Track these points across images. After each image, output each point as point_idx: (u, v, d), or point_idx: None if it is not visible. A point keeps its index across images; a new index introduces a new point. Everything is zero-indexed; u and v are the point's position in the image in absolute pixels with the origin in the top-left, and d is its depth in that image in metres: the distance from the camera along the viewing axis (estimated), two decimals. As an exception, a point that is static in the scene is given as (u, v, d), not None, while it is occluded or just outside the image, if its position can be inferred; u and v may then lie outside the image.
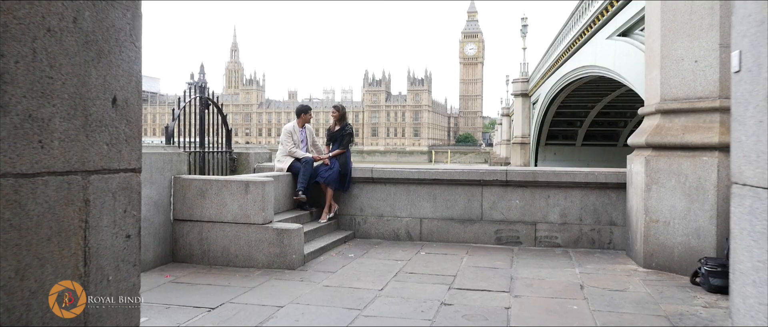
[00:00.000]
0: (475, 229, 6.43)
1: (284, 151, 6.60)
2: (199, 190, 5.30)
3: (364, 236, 6.73)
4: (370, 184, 6.75)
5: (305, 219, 6.41)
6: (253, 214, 5.16)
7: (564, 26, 18.45)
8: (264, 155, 7.27)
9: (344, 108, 6.83)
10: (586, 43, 14.32)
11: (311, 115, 6.84)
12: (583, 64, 14.92)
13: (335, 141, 6.74)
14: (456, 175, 6.45)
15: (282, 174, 6.45)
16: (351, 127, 6.76)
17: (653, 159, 5.12)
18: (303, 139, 6.73)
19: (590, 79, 18.05)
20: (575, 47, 16.42)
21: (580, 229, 6.17)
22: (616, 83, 18.86)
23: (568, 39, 17.32)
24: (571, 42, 16.66)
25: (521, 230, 6.31)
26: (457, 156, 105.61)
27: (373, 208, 6.72)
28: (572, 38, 16.40)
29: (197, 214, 5.31)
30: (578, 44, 15.74)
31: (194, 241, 5.31)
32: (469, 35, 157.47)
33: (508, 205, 6.35)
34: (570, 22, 17.28)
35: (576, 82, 18.93)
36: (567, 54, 17.92)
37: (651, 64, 5.48)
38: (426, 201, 6.58)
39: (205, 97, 6.51)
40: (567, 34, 18.05)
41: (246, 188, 5.17)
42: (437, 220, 6.54)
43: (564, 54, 18.35)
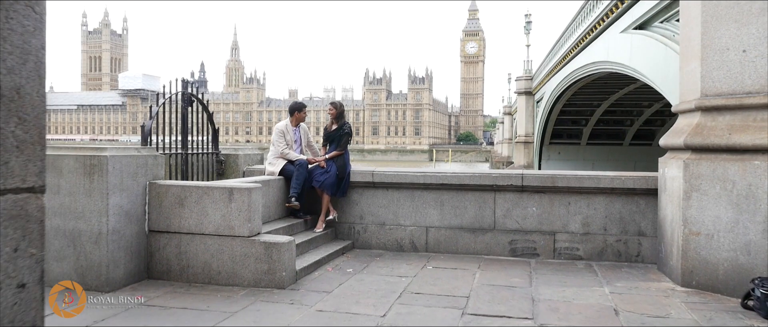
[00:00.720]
0: (487, 239, 5.81)
1: (276, 152, 5.98)
2: (177, 198, 4.68)
3: (365, 247, 6.11)
4: (370, 189, 6.12)
5: (299, 228, 5.79)
6: (238, 225, 4.53)
7: (572, 22, 17.80)
8: (254, 157, 6.65)
9: (342, 105, 6.21)
10: (597, 39, 13.67)
11: (306, 113, 6.22)
12: (594, 60, 14.27)
13: (332, 141, 6.11)
14: (466, 180, 5.82)
15: (273, 178, 5.83)
16: (349, 126, 6.14)
17: (693, 163, 4.49)
18: (297, 139, 6.11)
19: (599, 76, 17.42)
20: (584, 43, 15.77)
21: (605, 240, 5.54)
22: (626, 80, 18.24)
23: (576, 35, 16.66)
24: (579, 38, 16.00)
25: (538, 241, 5.69)
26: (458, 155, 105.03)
27: (374, 215, 6.10)
28: (581, 34, 15.74)
29: (175, 224, 4.69)
30: (588, 40, 15.09)
31: (172, 255, 4.70)
32: (470, 33, 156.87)
33: (524, 213, 5.73)
34: (578, 17, 16.64)
35: (584, 79, 18.29)
36: (575, 50, 17.26)
37: (688, 56, 4.85)
38: (432, 208, 5.95)
39: (188, 92, 5.89)
40: (575, 30, 17.40)
41: (230, 196, 4.55)
42: (445, 229, 5.92)
43: (572, 50, 17.70)
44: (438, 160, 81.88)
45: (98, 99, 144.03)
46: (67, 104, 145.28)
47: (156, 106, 5.35)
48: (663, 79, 8.44)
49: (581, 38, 15.91)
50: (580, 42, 16.22)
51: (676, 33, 8.08)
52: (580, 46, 16.48)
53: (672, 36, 8.23)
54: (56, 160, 4.44)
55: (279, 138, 5.95)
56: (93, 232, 4.37)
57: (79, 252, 4.41)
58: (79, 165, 4.39)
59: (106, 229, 4.35)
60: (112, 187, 4.37)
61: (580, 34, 15.93)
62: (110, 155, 4.37)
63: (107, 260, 4.36)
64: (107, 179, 4.33)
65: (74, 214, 4.40)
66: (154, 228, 4.74)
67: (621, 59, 10.89)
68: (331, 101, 6.19)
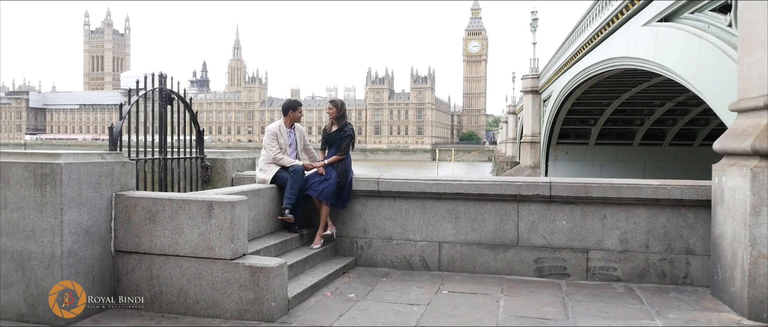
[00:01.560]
0: (510, 256, 5.07)
1: (267, 157, 5.25)
2: (148, 213, 3.95)
3: (369, 264, 5.38)
4: (375, 199, 5.39)
5: (293, 244, 5.05)
6: (219, 245, 3.81)
7: (584, 17, 16.99)
8: (245, 162, 5.92)
9: (343, 104, 5.47)
10: (614, 33, 12.87)
11: (301, 112, 5.48)
12: (610, 56, 13.47)
13: (332, 144, 5.38)
14: (485, 189, 5.08)
15: (264, 187, 5.10)
16: (352, 128, 5.40)
17: (764, 172, 3.75)
18: (291, 142, 5.37)
19: (613, 74, 16.63)
20: (599, 39, 14.94)
21: (647, 259, 4.79)
22: (641, 77, 17.43)
23: (589, 30, 15.84)
24: (593, 33, 15.18)
25: (569, 259, 4.94)
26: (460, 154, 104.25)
27: (380, 228, 5.37)
28: (596, 29, 14.92)
29: (146, 244, 3.96)
30: (603, 35, 14.27)
31: (142, 280, 3.97)
32: (473, 32, 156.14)
33: (552, 227, 4.98)
34: (591, 12, 15.84)
35: (597, 76, 17.49)
36: (588, 47, 16.43)
37: (750, 45, 4.10)
38: (446, 221, 5.22)
39: (168, 89, 5.16)
40: (588, 26, 16.57)
41: (209, 211, 3.82)
42: (461, 244, 5.18)
43: (584, 47, 16.87)
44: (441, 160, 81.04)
45: (100, 98, 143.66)
46: (69, 104, 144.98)
47: (128, 104, 4.62)
48: (696, 75, 7.69)
49: (595, 34, 15.10)
50: (593, 38, 15.43)
51: (712, 24, 7.33)
52: (594, 42, 15.68)
53: (707, 27, 7.47)
54: (2, 169, 3.73)
55: (271, 141, 5.22)
56: (45, 255, 3.65)
57: (28, 278, 3.69)
58: (29, 174, 3.67)
59: (60, 251, 3.63)
60: (68, 201, 3.65)
61: (594, 29, 15.13)
62: (65, 163, 3.65)
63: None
64: (61, 191, 3.62)
65: (23, 233, 3.69)
66: (122, 248, 4.02)
67: (643, 54, 10.12)
68: (331, 100, 5.45)
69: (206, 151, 5.70)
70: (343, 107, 5.42)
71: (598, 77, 17.96)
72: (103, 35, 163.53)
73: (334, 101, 5.41)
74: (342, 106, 5.42)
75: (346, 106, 5.53)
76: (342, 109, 5.40)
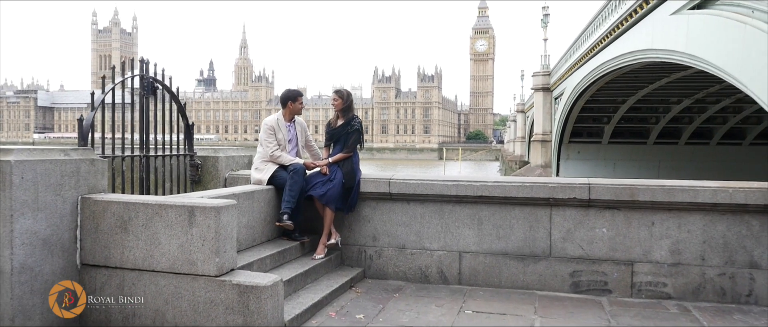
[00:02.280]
0: (541, 269, 4.41)
1: (264, 154, 4.61)
2: (119, 220, 3.33)
3: (379, 276, 4.74)
4: (386, 202, 4.74)
5: (292, 254, 4.42)
6: (202, 259, 3.18)
7: (601, 10, 16.22)
8: (240, 160, 5.29)
9: (350, 95, 4.82)
10: (637, 25, 12.14)
11: (302, 104, 4.84)
12: (632, 50, 12.74)
13: (337, 140, 4.74)
14: (513, 191, 4.42)
15: (260, 188, 4.46)
16: (360, 122, 4.76)
17: None
18: (291, 137, 4.74)
19: (632, 69, 15.89)
20: (618, 32, 14.19)
21: (703, 273, 4.12)
22: (661, 72, 16.69)
23: (608, 23, 15.06)
24: (613, 25, 14.42)
25: (611, 272, 4.28)
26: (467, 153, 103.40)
27: (392, 235, 4.73)
28: (615, 21, 14.16)
29: (116, 257, 3.35)
30: (623, 28, 13.52)
31: (112, 300, 3.35)
32: (480, 31, 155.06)
33: (591, 236, 4.32)
34: (610, 4, 15.09)
35: (614, 72, 16.74)
36: (606, 41, 15.67)
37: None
38: (468, 227, 4.56)
39: (151, 76, 4.54)
40: (606, 19, 15.79)
41: (190, 217, 3.19)
42: (484, 254, 4.53)
43: (601, 41, 16.11)
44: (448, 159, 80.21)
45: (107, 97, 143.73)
46: (77, 102, 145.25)
47: (101, 93, 3.99)
48: (739, 65, 6.98)
49: (615, 26, 14.36)
50: (612, 31, 14.68)
51: (758, 9, 6.62)
52: (612, 36, 14.94)
53: (751, 12, 6.77)
54: (-59, 167, 3.12)
55: (268, 136, 4.59)
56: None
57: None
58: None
59: (9, 267, 3.02)
60: (19, 206, 3.04)
61: (613, 22, 14.38)
62: (16, 160, 3.04)
63: (12, 310, 3.03)
64: (11, 194, 3.00)
65: (-32, 245, 3.08)
66: (89, 261, 3.40)
67: (672, 45, 9.41)
68: (336, 90, 4.80)
69: (196, 148, 5.07)
70: (349, 98, 4.77)
71: (615, 73, 17.21)
72: (111, 34, 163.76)
73: (340, 91, 4.76)
74: (348, 97, 4.77)
75: (352, 97, 4.88)
76: (348, 100, 4.76)
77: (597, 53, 17.54)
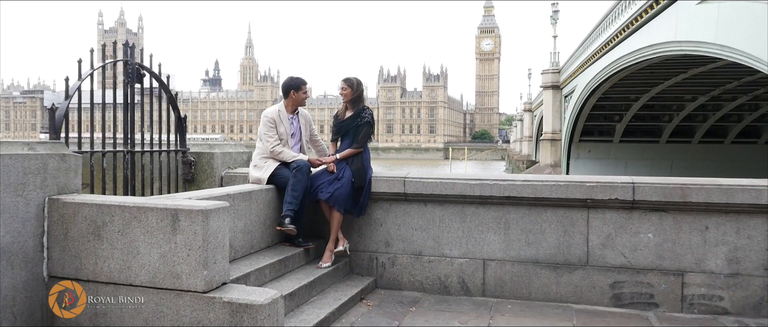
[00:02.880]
0: (576, 279, 3.89)
1: (264, 150, 4.11)
2: (92, 225, 2.84)
3: (392, 286, 4.23)
4: (401, 204, 4.24)
5: (296, 262, 3.92)
6: (188, 271, 2.69)
7: (618, 2, 15.61)
8: (238, 157, 4.79)
9: (361, 84, 4.30)
10: (658, 16, 11.55)
11: (306, 93, 4.33)
12: (652, 43, 12.15)
13: (346, 134, 4.23)
14: (545, 191, 3.90)
15: (259, 188, 3.96)
16: (370, 114, 4.24)
17: None
18: (294, 131, 4.23)
19: (649, 64, 15.32)
20: (637, 24, 13.56)
21: (766, 286, 3.59)
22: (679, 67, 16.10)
23: (626, 16, 14.43)
24: (631, 18, 13.81)
25: (657, 284, 3.75)
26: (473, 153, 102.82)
27: (407, 241, 4.22)
28: (634, 13, 13.54)
29: (88, 268, 2.86)
30: (643, 20, 12.90)
31: (83, 319, 2.87)
32: (486, 30, 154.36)
33: (635, 242, 3.80)
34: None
35: (631, 67, 16.17)
36: (623, 34, 15.07)
37: None
38: (493, 232, 4.05)
39: (136, 62, 4.05)
40: (623, 12, 15.17)
41: (173, 222, 2.70)
42: (511, 262, 4.01)
43: (618, 35, 15.50)
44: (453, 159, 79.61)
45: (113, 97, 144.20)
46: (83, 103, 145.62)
47: (78, 80, 3.50)
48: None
49: (633, 18, 13.74)
50: (630, 24, 14.09)
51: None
52: (629, 29, 14.34)
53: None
54: None
55: (268, 130, 4.08)
56: (-61, 286, 2.56)
57: None
58: None
59: (-42, 282, 2.53)
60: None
61: (631, 14, 13.77)
62: (-33, 154, 2.55)
63: (-39, 334, 2.55)
64: (-40, 196, 2.52)
65: None
66: (57, 273, 2.92)
67: (700, 36, 8.85)
68: (345, 78, 4.29)
69: (190, 144, 4.58)
70: (359, 87, 4.26)
71: (631, 68, 16.62)
72: (117, 34, 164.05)
73: (349, 79, 4.25)
74: (358, 86, 4.26)
75: (363, 86, 4.36)
76: (358, 89, 4.25)
77: (612, 48, 16.95)
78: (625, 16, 14.14)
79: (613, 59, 16.56)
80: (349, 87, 4.21)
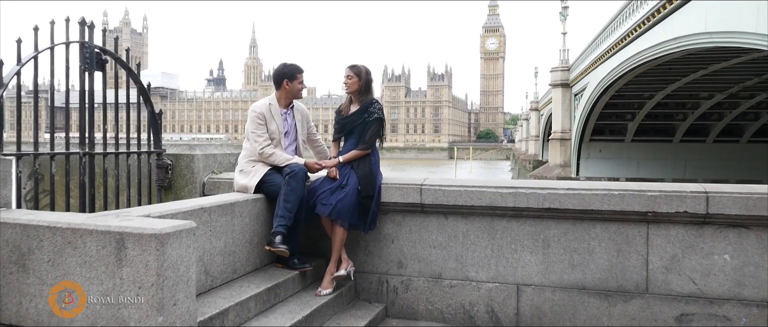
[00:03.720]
0: (634, 310, 3.17)
1: (251, 152, 3.40)
2: (15, 251, 2.15)
3: (406, 315, 3.53)
4: (417, 216, 3.53)
5: (289, 288, 3.21)
6: (137, 317, 1.99)
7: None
8: (224, 160, 4.08)
9: (369, 72, 3.59)
10: (684, 7, 10.77)
11: (302, 83, 3.60)
12: (677, 35, 11.37)
13: (351, 133, 3.52)
14: (594, 201, 3.18)
15: (244, 199, 3.25)
16: (380, 108, 3.53)
17: None
18: (288, 128, 3.52)
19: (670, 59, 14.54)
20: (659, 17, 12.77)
21: None
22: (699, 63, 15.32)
23: (646, 8, 13.64)
24: (652, 11, 13.02)
25: (736, 317, 3.03)
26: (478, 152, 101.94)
27: (424, 261, 3.51)
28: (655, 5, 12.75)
29: (11, 309, 2.17)
30: (665, 12, 12.11)
31: (4, 375, 2.17)
32: (490, 30, 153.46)
33: (707, 265, 3.07)
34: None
35: (649, 63, 15.39)
36: (643, 27, 14.24)
37: None
38: (529, 251, 3.33)
39: (96, 45, 3.35)
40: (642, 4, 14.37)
41: (119, 250, 2.00)
42: (552, 288, 3.29)
43: (638, 28, 14.65)
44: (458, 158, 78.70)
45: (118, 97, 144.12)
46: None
47: (17, 64, 2.81)
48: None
49: (656, 10, 12.92)
50: (652, 16, 13.27)
51: None
52: (651, 22, 13.51)
53: None
54: None
55: (257, 126, 3.37)
56: None
57: None
58: None
59: None
60: None
61: (653, 6, 12.96)
62: None
63: None
64: None
65: None
66: (-27, 314, 2.22)
67: (737, 26, 8.10)
68: (351, 65, 3.58)
69: (166, 144, 3.87)
70: (368, 76, 3.55)
71: (648, 64, 15.84)
72: (121, 34, 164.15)
73: (356, 66, 3.54)
74: (367, 75, 3.55)
75: (371, 75, 3.65)
76: (367, 78, 3.54)
77: (630, 43, 16.16)
78: (646, 8, 13.35)
79: (631, 54, 15.78)
80: (355, 75, 3.49)
